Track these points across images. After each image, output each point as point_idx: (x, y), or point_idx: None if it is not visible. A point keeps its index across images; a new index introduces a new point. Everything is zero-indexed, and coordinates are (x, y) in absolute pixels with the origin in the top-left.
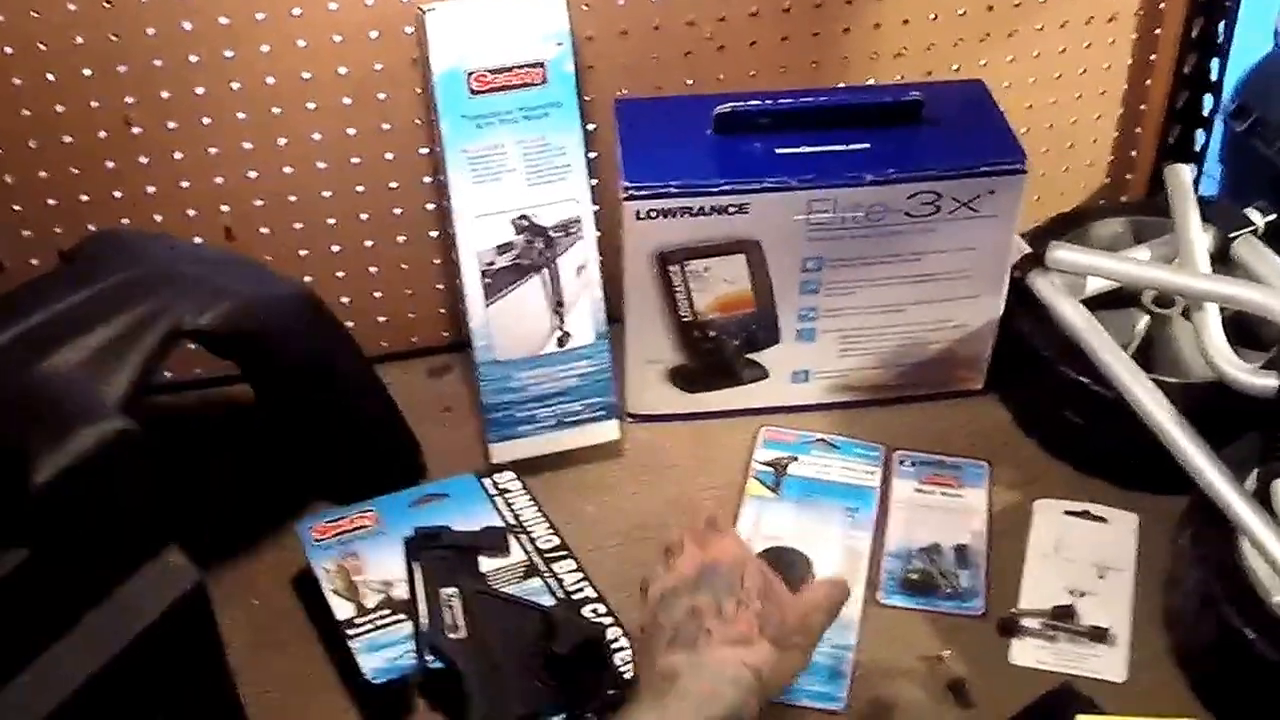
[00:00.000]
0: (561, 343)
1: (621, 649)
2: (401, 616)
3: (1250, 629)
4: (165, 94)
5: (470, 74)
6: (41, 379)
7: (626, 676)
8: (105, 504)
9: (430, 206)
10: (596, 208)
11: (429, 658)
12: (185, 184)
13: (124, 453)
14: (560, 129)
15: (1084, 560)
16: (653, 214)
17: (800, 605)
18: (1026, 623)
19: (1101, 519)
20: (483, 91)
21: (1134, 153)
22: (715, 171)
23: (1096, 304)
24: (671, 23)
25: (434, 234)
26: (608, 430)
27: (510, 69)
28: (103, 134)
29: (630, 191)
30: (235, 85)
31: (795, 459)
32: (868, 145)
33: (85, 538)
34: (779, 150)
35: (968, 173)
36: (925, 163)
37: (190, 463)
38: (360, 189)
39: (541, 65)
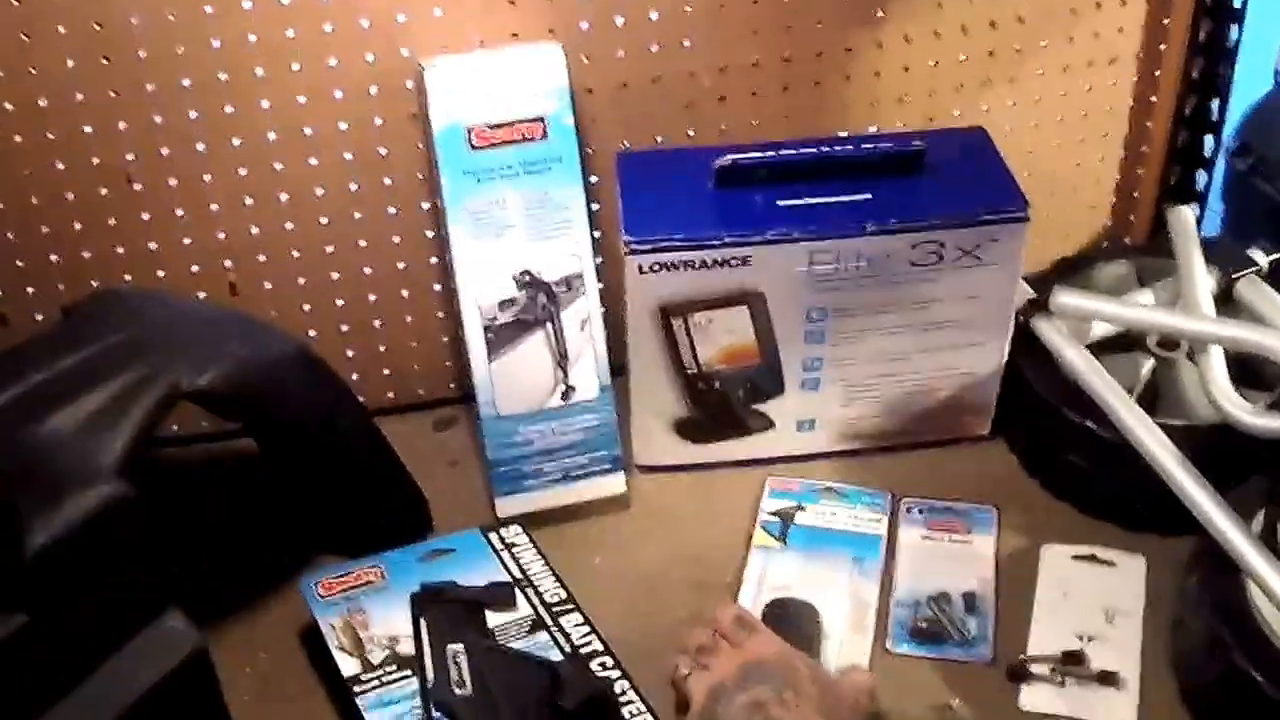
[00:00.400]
0: (566, 397)
1: (629, 702)
2: (408, 672)
3: (1259, 671)
4: (166, 150)
5: (470, 129)
6: (38, 441)
7: None
8: (102, 569)
9: (433, 260)
10: (599, 261)
11: (436, 714)
12: (188, 241)
13: (120, 517)
14: (561, 183)
15: (1092, 604)
16: (655, 267)
17: (846, 684)
18: (1036, 669)
19: (1109, 563)
20: (483, 146)
21: (1136, 194)
22: (717, 224)
23: (1101, 347)
24: (672, 75)
25: (437, 287)
26: (614, 483)
27: (511, 124)
28: (104, 191)
29: (632, 245)
30: (236, 141)
31: (802, 508)
32: (869, 195)
33: (83, 603)
34: (780, 202)
35: (970, 221)
36: (928, 212)
37: (195, 516)
38: (363, 243)
39: (542, 119)
